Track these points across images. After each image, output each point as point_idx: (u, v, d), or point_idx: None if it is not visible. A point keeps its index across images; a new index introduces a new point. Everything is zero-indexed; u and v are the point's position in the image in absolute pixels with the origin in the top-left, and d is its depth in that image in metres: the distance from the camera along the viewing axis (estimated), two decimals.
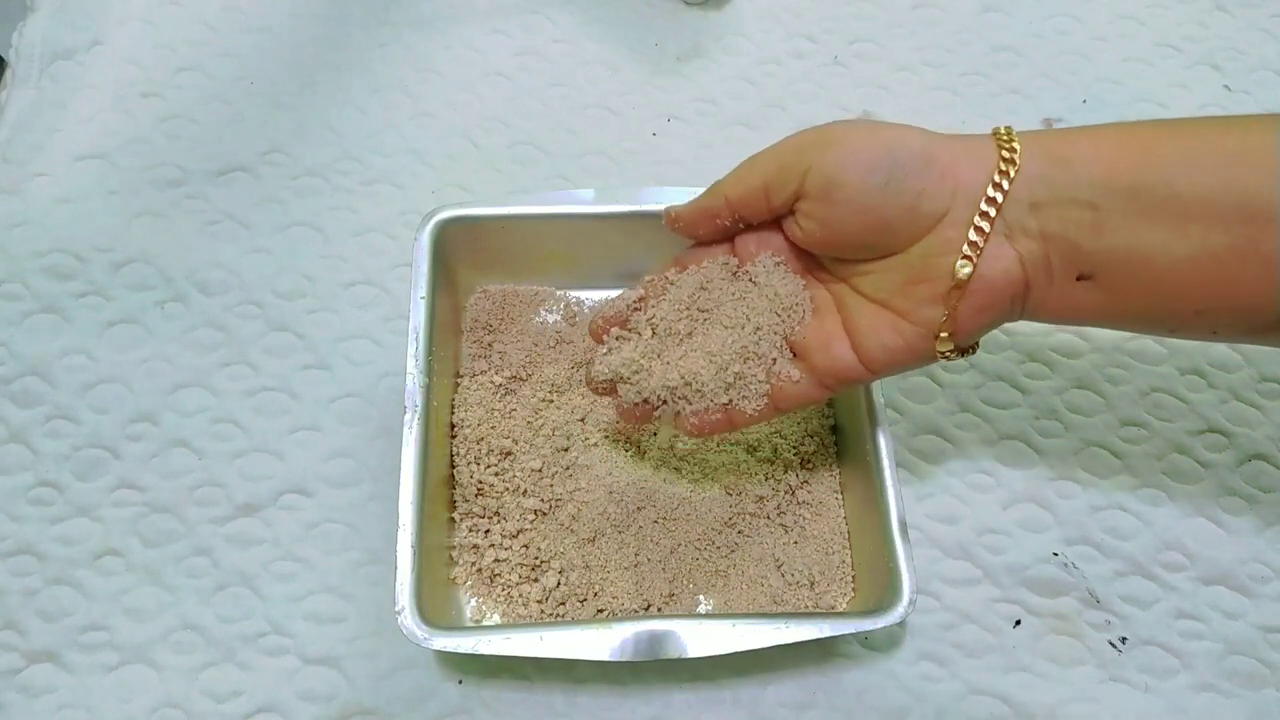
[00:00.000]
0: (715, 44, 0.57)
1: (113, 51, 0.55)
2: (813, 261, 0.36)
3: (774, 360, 0.36)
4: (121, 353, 0.47)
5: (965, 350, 0.34)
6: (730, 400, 0.36)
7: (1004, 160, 0.31)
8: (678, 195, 0.44)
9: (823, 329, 0.35)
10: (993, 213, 0.31)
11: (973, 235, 0.31)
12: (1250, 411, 0.47)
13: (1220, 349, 0.48)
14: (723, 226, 0.36)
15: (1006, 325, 0.47)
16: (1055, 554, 0.43)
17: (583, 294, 0.48)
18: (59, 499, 0.43)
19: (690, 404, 0.36)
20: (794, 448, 0.43)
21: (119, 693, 0.40)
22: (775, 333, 0.36)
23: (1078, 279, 0.31)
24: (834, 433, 0.44)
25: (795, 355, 0.36)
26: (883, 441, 0.39)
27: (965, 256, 0.31)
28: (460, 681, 0.40)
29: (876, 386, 0.40)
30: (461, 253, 0.44)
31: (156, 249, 0.49)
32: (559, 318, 0.47)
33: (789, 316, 0.36)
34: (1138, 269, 0.30)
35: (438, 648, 0.35)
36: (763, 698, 0.40)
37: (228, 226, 0.50)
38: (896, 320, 0.33)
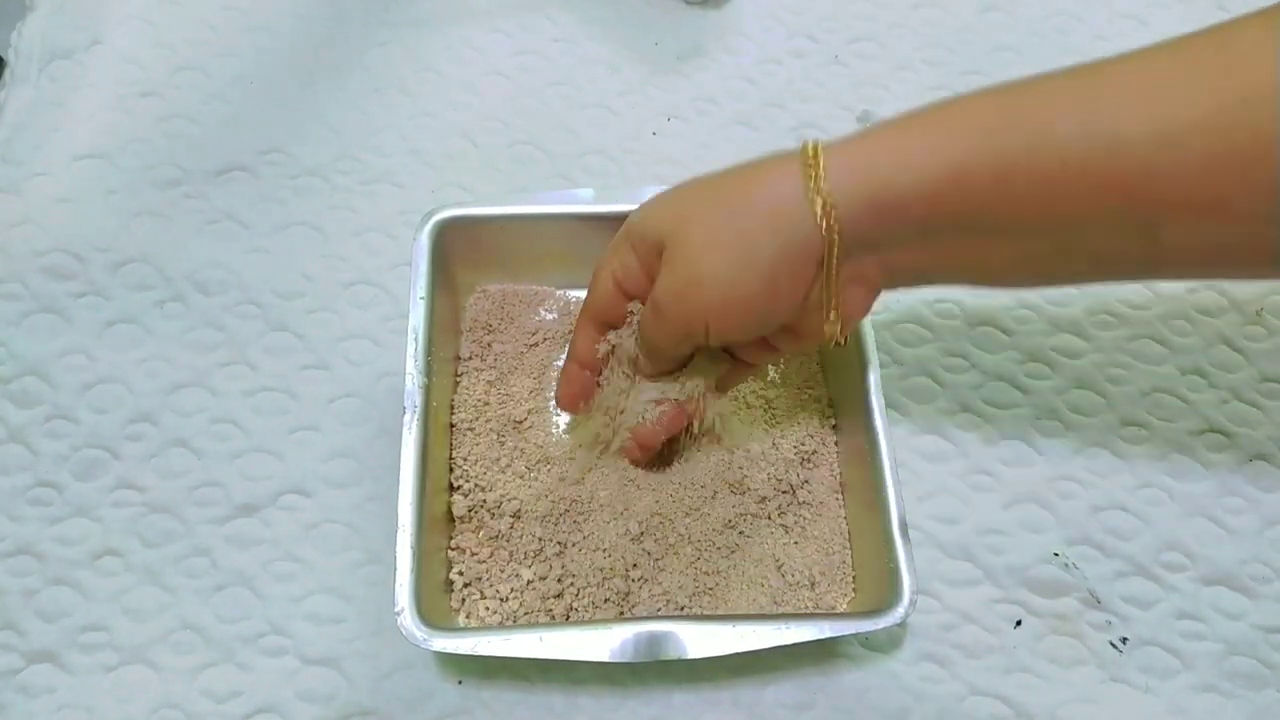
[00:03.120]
0: (715, 43, 0.57)
1: (112, 51, 0.55)
2: None
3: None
4: (121, 353, 0.47)
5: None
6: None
7: (828, 242, 0.32)
8: None
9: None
10: (835, 281, 0.33)
11: (828, 302, 0.34)
12: (1251, 412, 0.47)
13: (1222, 349, 0.48)
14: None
15: (1008, 325, 0.47)
16: (1056, 554, 0.43)
17: (582, 294, 0.47)
18: (58, 499, 0.43)
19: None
20: (794, 447, 0.43)
21: (118, 693, 0.40)
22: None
23: (916, 280, 0.35)
24: (834, 433, 0.44)
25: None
26: (883, 441, 0.39)
27: (830, 320, 0.35)
28: (460, 682, 0.40)
29: (877, 387, 0.40)
30: (461, 252, 0.44)
31: (156, 249, 0.49)
32: (558, 317, 0.47)
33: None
34: (971, 270, 0.34)
35: (437, 649, 0.35)
36: (763, 698, 0.40)
37: (227, 226, 0.50)
38: (796, 337, 0.37)
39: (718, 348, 0.38)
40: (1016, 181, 0.30)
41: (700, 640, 0.36)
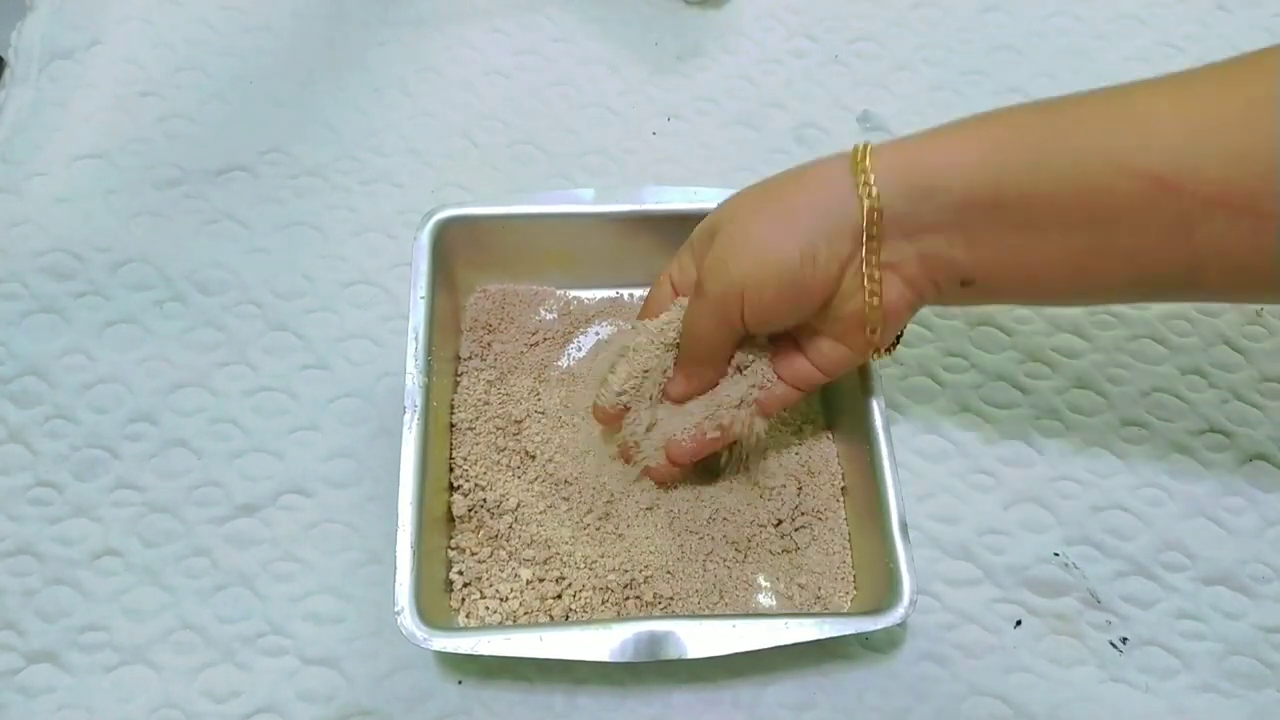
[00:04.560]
0: (715, 43, 0.57)
1: (112, 51, 0.55)
2: None
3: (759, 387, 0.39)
4: (120, 352, 0.47)
5: (891, 348, 0.38)
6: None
7: (868, 211, 0.33)
8: (678, 195, 0.44)
9: (787, 352, 0.39)
10: (874, 259, 0.34)
11: (868, 284, 0.34)
12: (1251, 411, 0.47)
13: (1222, 349, 0.48)
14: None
15: (1008, 325, 0.47)
16: (1056, 554, 0.43)
17: (582, 294, 0.48)
18: (58, 499, 0.43)
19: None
20: (794, 449, 0.43)
21: (118, 693, 0.40)
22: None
23: (962, 284, 0.34)
24: (834, 434, 0.44)
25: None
26: (883, 442, 0.39)
27: (870, 305, 0.35)
28: (460, 682, 0.40)
29: (878, 387, 0.40)
30: (461, 252, 0.44)
31: (155, 249, 0.49)
32: (558, 317, 0.47)
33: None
34: (1011, 271, 0.34)
35: (437, 648, 0.35)
36: (763, 698, 0.40)
37: (227, 226, 0.50)
38: (835, 345, 0.38)
39: (761, 359, 0.39)
40: (1049, 166, 0.31)
41: (700, 640, 0.36)
